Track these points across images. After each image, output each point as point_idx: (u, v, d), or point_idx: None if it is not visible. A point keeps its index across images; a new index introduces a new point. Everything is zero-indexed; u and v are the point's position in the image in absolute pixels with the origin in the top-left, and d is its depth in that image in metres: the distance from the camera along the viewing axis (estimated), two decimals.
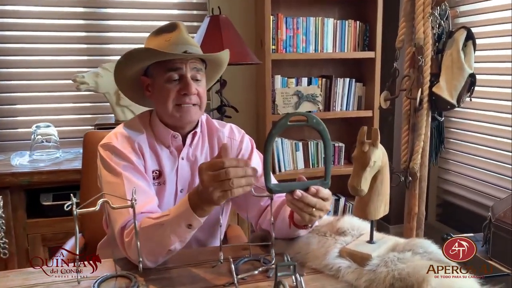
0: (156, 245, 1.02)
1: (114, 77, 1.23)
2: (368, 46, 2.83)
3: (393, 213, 3.06)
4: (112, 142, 1.18)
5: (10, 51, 2.53)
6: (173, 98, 1.17)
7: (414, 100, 2.04)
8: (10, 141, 2.53)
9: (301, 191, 0.97)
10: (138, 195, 1.09)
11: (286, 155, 2.81)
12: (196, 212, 0.97)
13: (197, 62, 1.20)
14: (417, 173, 2.11)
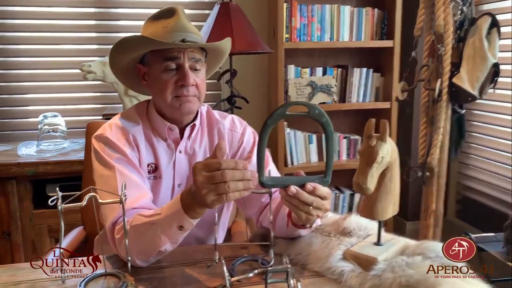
0: (146, 245, 0.96)
1: (109, 65, 1.17)
2: (386, 35, 2.71)
3: (411, 209, 3.00)
4: (105, 133, 1.13)
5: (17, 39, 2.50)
6: (170, 90, 1.11)
7: (433, 91, 1.94)
8: (18, 131, 2.51)
9: (297, 187, 0.90)
10: (130, 190, 1.04)
11: (299, 148, 2.73)
12: (187, 214, 0.91)
13: (196, 51, 1.13)
14: (434, 168, 2.01)
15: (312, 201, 0.90)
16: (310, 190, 0.90)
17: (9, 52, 2.50)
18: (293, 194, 0.88)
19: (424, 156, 2.04)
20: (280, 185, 0.92)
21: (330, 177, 0.94)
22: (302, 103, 0.88)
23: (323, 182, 0.93)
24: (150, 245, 0.96)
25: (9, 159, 2.02)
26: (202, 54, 1.16)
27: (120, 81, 1.25)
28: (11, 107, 2.53)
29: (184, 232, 0.94)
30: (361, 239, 1.05)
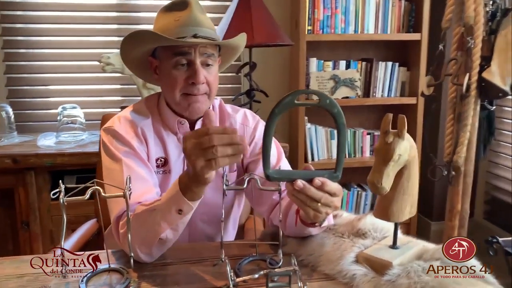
0: (147, 233, 0.93)
1: (121, 58, 1.15)
2: (413, 27, 2.61)
3: (436, 209, 2.89)
4: (113, 126, 1.10)
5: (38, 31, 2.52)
6: (180, 87, 1.07)
7: (461, 86, 1.84)
8: (39, 122, 2.54)
9: (304, 181, 0.84)
10: (136, 184, 1.01)
11: (319, 143, 2.67)
12: (185, 195, 0.88)
13: (208, 47, 1.08)
14: (461, 167, 1.91)
15: (320, 197, 0.85)
16: (319, 185, 0.84)
17: (30, 44, 2.53)
18: (300, 188, 0.83)
19: (450, 154, 1.94)
20: (286, 178, 0.86)
21: (341, 172, 0.88)
22: (313, 91, 0.83)
23: (333, 178, 0.87)
24: (150, 233, 0.93)
25: (29, 150, 2.04)
26: (215, 49, 1.11)
27: (134, 73, 1.22)
28: (32, 99, 2.55)
29: (183, 216, 0.91)
30: (376, 241, 1.00)
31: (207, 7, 2.62)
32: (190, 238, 1.19)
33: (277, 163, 1.17)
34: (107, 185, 0.98)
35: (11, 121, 2.25)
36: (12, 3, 2.45)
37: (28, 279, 0.94)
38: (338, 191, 0.88)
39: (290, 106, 0.82)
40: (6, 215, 2.12)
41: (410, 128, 2.69)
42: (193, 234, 1.18)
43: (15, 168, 1.98)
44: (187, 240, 1.19)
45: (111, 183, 1.04)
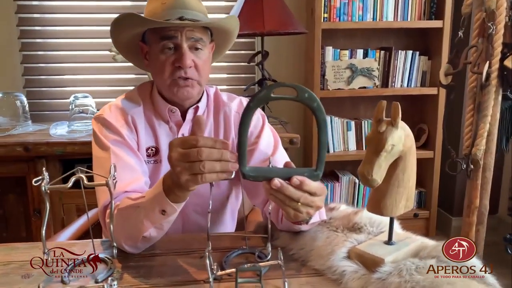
0: (131, 230, 0.91)
1: (113, 44, 1.12)
2: (435, 14, 2.50)
3: (457, 204, 2.78)
4: (103, 114, 1.08)
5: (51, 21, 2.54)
6: (168, 71, 1.03)
7: (480, 75, 1.74)
8: (52, 111, 2.57)
9: (281, 180, 0.79)
10: (124, 172, 0.99)
11: (336, 135, 2.60)
12: (169, 197, 0.84)
13: (196, 31, 1.04)
14: (480, 160, 1.82)
15: (299, 196, 0.79)
16: (297, 184, 0.78)
17: (45, 33, 2.55)
18: (277, 188, 0.78)
19: (469, 147, 1.85)
20: (262, 177, 0.80)
21: (322, 171, 0.82)
22: (290, 85, 0.77)
23: (313, 176, 0.81)
24: (134, 230, 0.90)
25: (41, 139, 2.05)
26: (205, 33, 1.07)
27: (129, 60, 1.20)
28: (47, 88, 2.58)
29: (167, 217, 0.87)
30: (371, 236, 0.94)
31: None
32: (184, 229, 1.16)
33: (274, 152, 1.12)
34: (96, 174, 0.97)
35: (26, 110, 2.28)
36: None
37: (13, 267, 0.94)
38: (319, 191, 0.82)
39: (266, 100, 0.77)
40: (20, 202, 2.16)
41: (431, 120, 2.62)
42: (187, 225, 1.16)
43: (27, 156, 2.00)
44: (180, 231, 1.16)
45: (99, 171, 1.02)
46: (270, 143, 1.13)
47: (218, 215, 1.20)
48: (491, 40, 1.71)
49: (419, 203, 2.75)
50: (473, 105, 1.87)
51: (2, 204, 2.16)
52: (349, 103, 2.73)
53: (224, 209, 1.21)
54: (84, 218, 1.48)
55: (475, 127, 1.83)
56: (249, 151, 1.13)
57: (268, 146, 1.12)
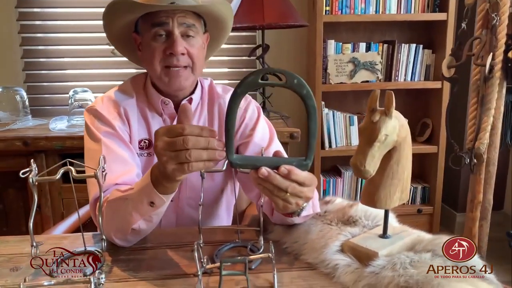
0: (120, 222, 0.89)
1: (107, 36, 1.11)
2: (439, 7, 2.46)
3: (461, 199, 2.74)
4: (95, 106, 1.06)
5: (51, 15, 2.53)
6: (159, 59, 1.01)
7: (484, 67, 1.71)
8: (52, 106, 2.56)
9: (269, 169, 0.76)
10: (115, 165, 0.97)
11: (338, 129, 2.57)
12: (157, 188, 0.82)
13: (188, 16, 1.02)
14: (483, 154, 1.79)
15: (287, 186, 0.76)
16: (285, 173, 0.76)
17: (45, 28, 2.54)
18: (265, 176, 0.75)
19: (473, 140, 1.82)
20: (250, 165, 0.78)
21: (311, 160, 0.79)
22: (279, 70, 0.75)
23: (302, 166, 0.79)
24: (123, 222, 0.89)
25: (41, 133, 2.04)
26: (197, 21, 1.05)
27: (123, 54, 1.18)
28: (47, 83, 2.58)
29: (156, 209, 0.85)
30: (366, 229, 0.92)
31: None
32: (178, 223, 1.15)
33: (269, 145, 1.10)
34: (86, 166, 0.95)
35: (26, 105, 2.28)
36: None
37: (2, 260, 0.92)
38: (308, 181, 0.79)
39: (254, 86, 0.75)
40: (19, 197, 2.15)
41: (435, 114, 2.58)
42: (180, 218, 1.14)
43: (26, 151, 2.00)
44: (174, 225, 1.14)
45: (90, 163, 1.01)
46: (265, 135, 1.11)
47: (213, 209, 1.18)
48: (495, 31, 1.67)
49: (422, 198, 2.72)
50: (476, 98, 1.83)
51: (2, 199, 2.16)
52: (351, 97, 2.70)
53: (218, 203, 1.19)
54: (81, 212, 1.47)
55: (478, 120, 1.80)
56: (244, 143, 1.11)
57: (263, 139, 1.10)
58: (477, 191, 1.86)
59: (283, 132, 2.06)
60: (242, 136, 1.12)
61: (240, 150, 1.11)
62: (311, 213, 0.95)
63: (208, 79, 1.19)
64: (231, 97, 0.74)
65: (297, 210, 0.85)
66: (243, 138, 1.12)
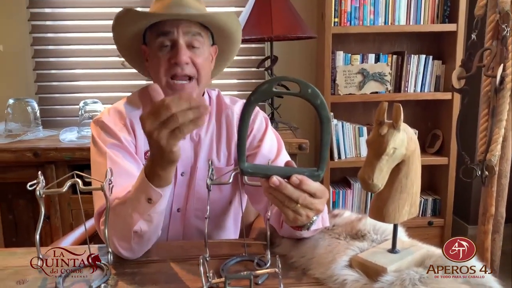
0: (122, 226, 0.89)
1: (117, 48, 1.12)
2: (449, 18, 2.44)
3: (473, 212, 2.69)
4: (102, 118, 1.07)
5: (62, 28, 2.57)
6: (164, 69, 1.02)
7: (495, 78, 1.69)
8: (64, 117, 2.59)
9: (280, 178, 0.75)
10: (119, 178, 0.97)
11: (347, 140, 2.56)
12: (152, 182, 0.83)
13: (193, 26, 1.02)
14: (495, 167, 1.76)
15: (297, 196, 0.76)
16: (296, 183, 0.75)
17: (55, 40, 2.57)
18: (276, 186, 0.74)
19: (484, 152, 1.79)
20: (261, 174, 0.77)
21: (324, 171, 0.78)
22: (293, 79, 0.75)
23: (314, 176, 0.78)
24: (124, 226, 0.89)
25: (51, 144, 2.06)
26: (203, 30, 1.06)
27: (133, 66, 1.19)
28: (59, 94, 2.60)
29: (154, 205, 0.86)
30: (375, 244, 0.91)
31: (228, 1, 2.57)
32: (185, 235, 1.14)
33: (277, 156, 1.10)
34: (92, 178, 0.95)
35: (37, 116, 2.30)
36: (41, 1, 2.51)
37: (9, 272, 0.92)
38: (320, 192, 0.78)
39: (267, 94, 0.75)
40: (29, 207, 2.17)
41: (446, 125, 2.56)
42: (188, 231, 1.13)
43: (36, 162, 2.02)
44: (181, 237, 1.14)
45: (96, 176, 1.01)
46: (273, 147, 1.11)
47: (220, 221, 1.17)
48: (505, 42, 1.66)
49: (433, 211, 2.68)
50: (487, 110, 1.81)
51: (12, 209, 2.17)
52: (360, 108, 2.69)
53: (226, 215, 1.18)
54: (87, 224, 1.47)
55: (489, 132, 1.78)
56: (252, 155, 1.11)
57: (271, 150, 1.10)
58: (489, 204, 1.83)
59: (291, 143, 2.05)
60: (250, 147, 1.11)
61: (248, 161, 1.11)
62: (321, 227, 0.93)
63: (215, 90, 1.19)
64: (245, 105, 0.74)
65: (307, 224, 0.84)
66: (251, 150, 1.11)
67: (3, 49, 2.50)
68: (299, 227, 0.87)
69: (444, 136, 2.61)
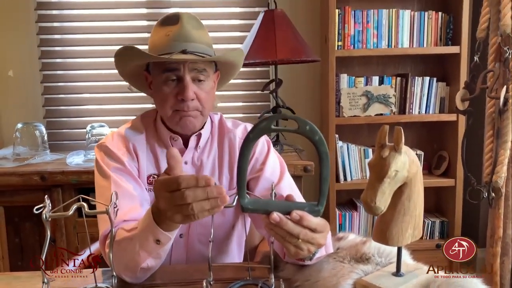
0: (129, 261, 0.89)
1: (119, 73, 1.14)
2: (452, 40, 2.47)
3: (482, 234, 2.66)
4: (105, 142, 1.09)
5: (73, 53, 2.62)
6: (170, 103, 1.04)
7: (499, 100, 1.69)
8: (71, 141, 2.62)
9: (280, 214, 0.76)
10: (123, 201, 0.98)
11: (352, 162, 2.55)
12: (161, 226, 0.83)
13: (199, 62, 1.04)
14: (502, 188, 1.75)
15: (298, 232, 0.76)
16: (297, 219, 0.75)
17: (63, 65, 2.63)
18: (276, 222, 0.75)
19: (490, 174, 1.78)
20: (261, 210, 0.78)
21: (323, 206, 0.79)
22: (291, 116, 0.76)
23: (314, 212, 0.78)
24: (131, 262, 0.89)
25: (58, 168, 2.08)
26: (208, 64, 1.08)
27: (135, 87, 1.21)
28: (66, 118, 2.64)
29: (162, 246, 0.85)
30: (379, 267, 0.90)
31: (233, 26, 2.62)
32: (188, 259, 1.14)
33: (280, 180, 1.10)
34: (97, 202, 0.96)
35: (45, 140, 2.33)
36: (50, 27, 2.57)
37: None
38: (321, 227, 0.79)
39: (266, 131, 0.76)
40: (35, 231, 2.17)
41: (452, 147, 2.55)
42: (191, 255, 1.13)
43: (43, 185, 2.03)
44: (184, 261, 1.14)
45: (100, 199, 1.01)
46: (275, 170, 1.11)
47: (224, 245, 1.17)
48: (508, 64, 1.67)
49: (441, 233, 2.65)
50: (492, 131, 1.81)
51: (18, 232, 2.18)
52: (366, 130, 2.69)
53: (229, 239, 1.18)
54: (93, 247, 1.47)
55: (495, 153, 1.77)
56: (254, 178, 1.11)
57: (274, 173, 1.10)
58: (496, 226, 1.81)
59: (296, 165, 2.05)
60: (253, 171, 1.12)
61: (251, 185, 1.11)
62: (324, 254, 0.93)
63: (218, 113, 1.21)
64: (244, 142, 0.75)
65: (309, 255, 0.84)
66: (253, 173, 1.12)
67: (13, 74, 2.56)
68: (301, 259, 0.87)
69: (450, 158, 2.60)
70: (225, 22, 2.63)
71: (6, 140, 2.54)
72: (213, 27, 2.53)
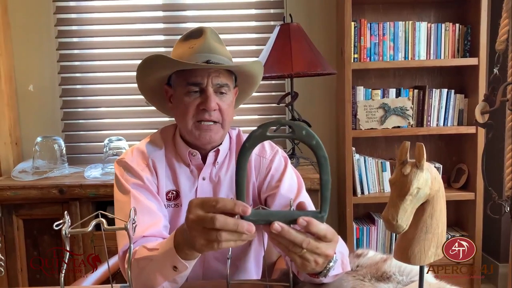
0: (146, 281, 0.89)
1: (138, 87, 1.15)
2: (470, 52, 2.44)
3: (503, 249, 2.60)
4: (125, 158, 1.09)
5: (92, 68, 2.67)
6: (192, 114, 1.05)
7: None
8: (90, 154, 2.64)
9: (281, 224, 0.74)
10: (143, 217, 0.98)
11: (370, 175, 2.52)
12: (179, 254, 0.83)
13: (222, 76, 1.05)
14: None
15: (301, 240, 0.73)
16: (303, 225, 0.73)
17: (82, 80, 2.67)
18: (278, 232, 0.73)
19: (511, 188, 1.75)
20: (262, 220, 0.75)
21: (327, 213, 0.76)
22: (286, 122, 0.75)
23: (318, 218, 0.76)
24: (148, 282, 0.89)
25: (76, 181, 2.10)
26: (230, 79, 1.08)
27: (151, 103, 1.22)
28: (84, 132, 2.68)
29: (179, 273, 0.85)
30: (401, 286, 0.88)
31: (249, 40, 2.64)
32: (204, 277, 1.13)
33: (297, 196, 1.09)
34: (116, 217, 0.97)
35: (63, 153, 2.36)
36: (69, 43, 2.62)
37: None
38: (329, 235, 0.76)
39: (262, 139, 0.75)
40: (53, 243, 2.19)
41: (471, 160, 2.51)
42: (207, 272, 1.13)
43: (61, 198, 2.05)
44: (200, 277, 1.13)
45: (119, 215, 1.02)
46: (292, 186, 1.10)
47: (241, 262, 1.16)
48: None
49: None
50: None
51: (37, 246, 2.20)
52: (383, 143, 2.67)
53: (247, 256, 1.17)
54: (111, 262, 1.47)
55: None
56: (271, 195, 1.10)
57: (291, 190, 1.09)
58: None
59: (313, 178, 2.04)
60: (269, 188, 1.11)
61: (268, 202, 1.11)
62: (341, 272, 0.91)
63: (236, 129, 1.20)
64: (240, 151, 0.74)
65: (323, 271, 0.82)
66: (270, 190, 1.11)
67: (33, 89, 2.60)
68: (315, 275, 0.85)
69: (470, 171, 2.56)
70: (241, 36, 2.65)
71: (26, 153, 2.58)
72: (229, 41, 2.55)
